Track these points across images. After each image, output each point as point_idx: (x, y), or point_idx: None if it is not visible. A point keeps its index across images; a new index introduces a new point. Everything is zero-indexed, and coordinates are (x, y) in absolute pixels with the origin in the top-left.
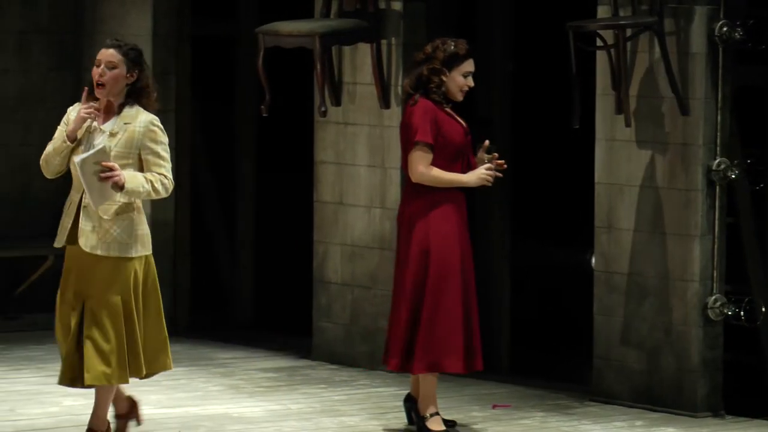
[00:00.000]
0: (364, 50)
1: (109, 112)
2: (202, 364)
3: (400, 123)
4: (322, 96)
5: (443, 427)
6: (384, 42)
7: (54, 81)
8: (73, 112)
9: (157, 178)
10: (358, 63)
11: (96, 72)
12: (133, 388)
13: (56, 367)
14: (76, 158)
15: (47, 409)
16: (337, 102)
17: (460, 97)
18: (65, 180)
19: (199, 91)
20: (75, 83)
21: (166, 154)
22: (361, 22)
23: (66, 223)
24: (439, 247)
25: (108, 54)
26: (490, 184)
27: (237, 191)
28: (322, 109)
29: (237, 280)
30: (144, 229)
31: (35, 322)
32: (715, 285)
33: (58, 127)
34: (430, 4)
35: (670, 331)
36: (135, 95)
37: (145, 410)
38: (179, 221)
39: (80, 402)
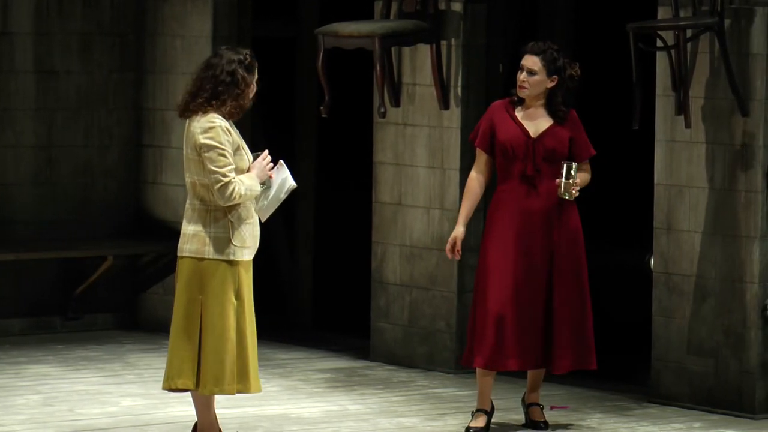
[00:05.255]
0: (424, 51)
1: None
2: (261, 364)
3: None
4: (382, 97)
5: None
6: (444, 43)
7: (116, 82)
8: (231, 129)
9: None
10: (417, 64)
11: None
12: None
13: (114, 367)
14: (293, 182)
15: (106, 409)
16: (396, 103)
17: (520, 93)
18: (126, 182)
19: (258, 91)
20: (137, 84)
21: None
22: (421, 23)
23: (257, 232)
24: (482, 246)
25: None
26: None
27: (296, 192)
28: (382, 110)
29: (296, 281)
30: None
31: (95, 322)
32: None
33: (225, 149)
34: (490, 6)
35: (729, 333)
36: None
37: None
38: None
39: (139, 402)
